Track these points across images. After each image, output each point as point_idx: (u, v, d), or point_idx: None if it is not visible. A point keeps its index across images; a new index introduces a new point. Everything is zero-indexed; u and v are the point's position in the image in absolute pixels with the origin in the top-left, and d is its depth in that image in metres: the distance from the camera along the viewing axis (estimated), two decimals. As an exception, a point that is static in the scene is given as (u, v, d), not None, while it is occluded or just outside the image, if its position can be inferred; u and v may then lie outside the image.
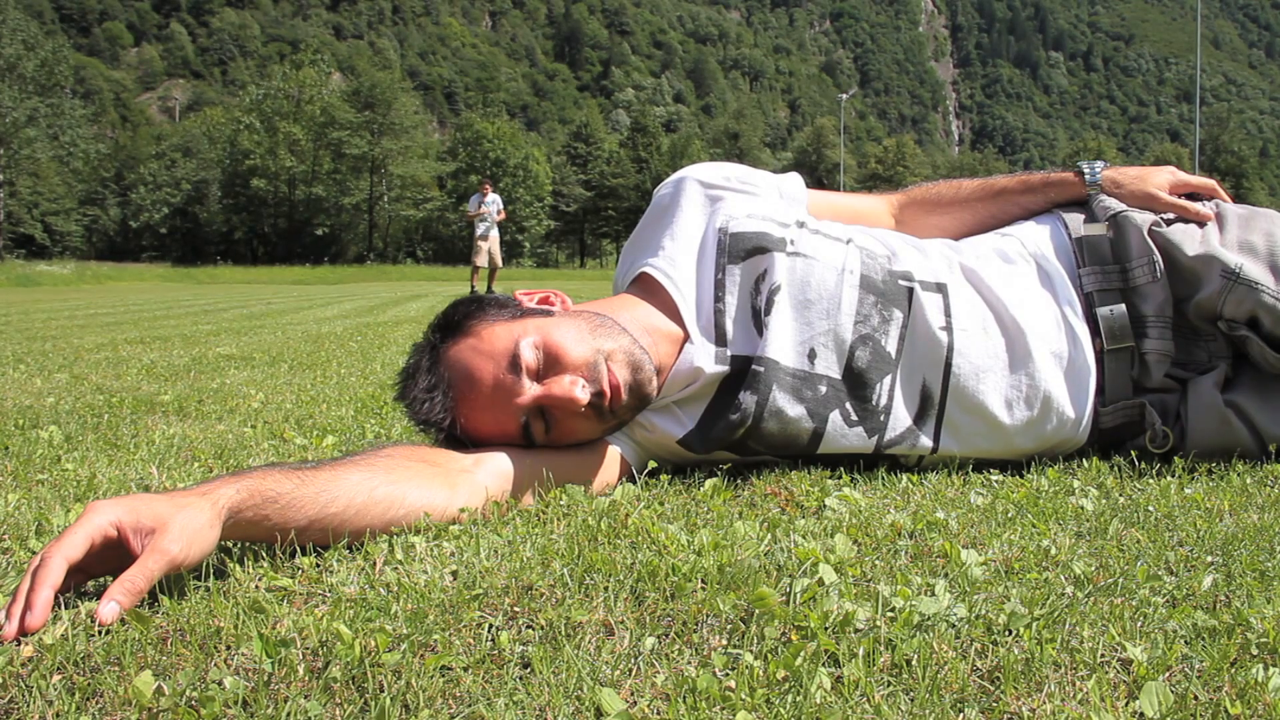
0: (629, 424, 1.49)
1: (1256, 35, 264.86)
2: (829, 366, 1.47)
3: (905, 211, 1.83)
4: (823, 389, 1.47)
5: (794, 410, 1.45)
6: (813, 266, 1.50)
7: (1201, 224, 1.64)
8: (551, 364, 1.36)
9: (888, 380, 1.50)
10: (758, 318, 1.48)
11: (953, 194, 1.81)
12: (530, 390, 1.35)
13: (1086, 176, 1.72)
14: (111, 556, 0.94)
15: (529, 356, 1.35)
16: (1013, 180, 1.80)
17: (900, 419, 1.51)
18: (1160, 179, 1.69)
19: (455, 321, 1.43)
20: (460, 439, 1.39)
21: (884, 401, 1.50)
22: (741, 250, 1.52)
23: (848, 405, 1.48)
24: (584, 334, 1.40)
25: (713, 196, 1.60)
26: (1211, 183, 1.71)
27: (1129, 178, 1.71)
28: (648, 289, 1.56)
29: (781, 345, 1.45)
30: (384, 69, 73.23)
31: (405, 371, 1.43)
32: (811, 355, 1.47)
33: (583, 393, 1.34)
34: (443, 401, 1.36)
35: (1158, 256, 1.58)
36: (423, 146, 59.10)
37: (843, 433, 1.48)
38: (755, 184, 1.64)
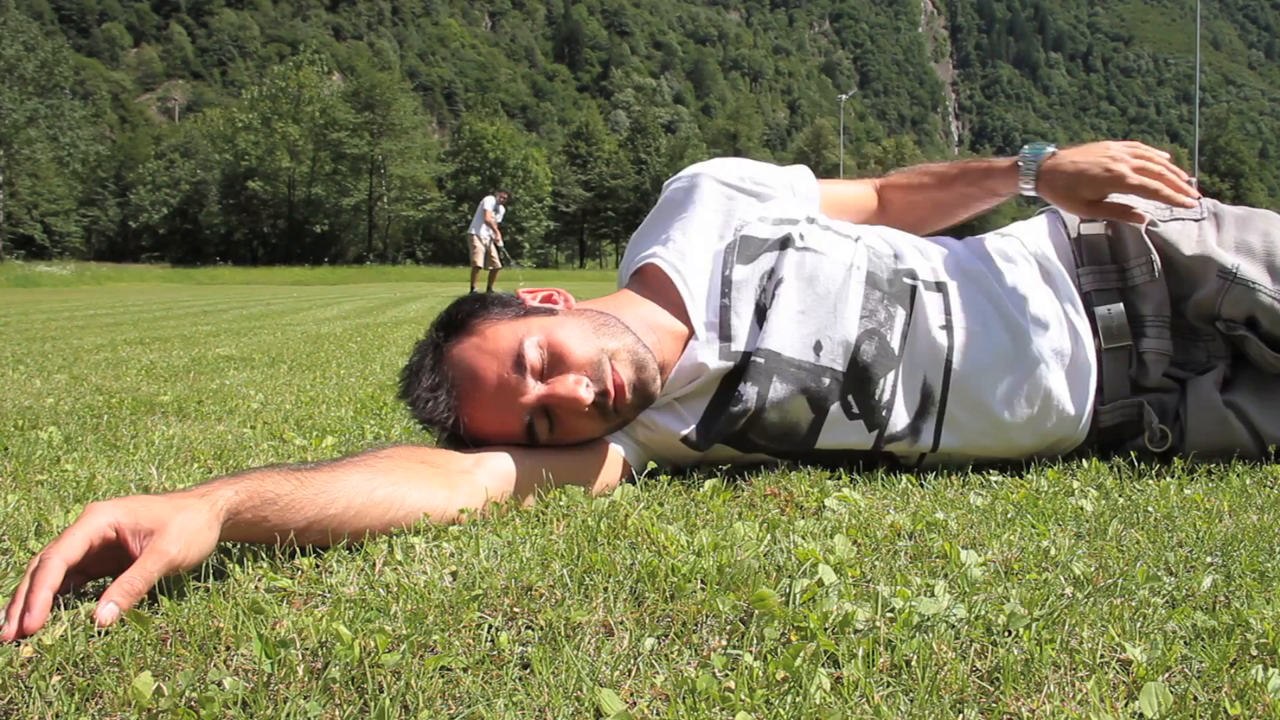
0: (631, 423, 1.49)
1: (1256, 36, 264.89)
2: (834, 359, 1.48)
3: (886, 191, 1.85)
4: (826, 381, 1.47)
5: (795, 401, 1.45)
6: (821, 261, 1.51)
7: (1141, 222, 1.60)
8: (556, 363, 1.36)
9: (890, 376, 1.50)
10: (761, 314, 1.48)
11: (920, 178, 1.82)
12: (535, 390, 1.35)
13: (1021, 166, 1.63)
14: (110, 558, 0.94)
15: (533, 356, 1.35)
16: (954, 167, 1.77)
17: (901, 415, 1.51)
18: (1103, 176, 1.55)
19: (459, 320, 1.43)
20: (462, 438, 1.39)
21: (886, 397, 1.50)
22: (751, 251, 1.53)
23: (850, 398, 1.49)
24: (588, 333, 1.40)
25: (729, 195, 1.60)
26: (1166, 160, 1.58)
27: (1066, 175, 1.58)
28: (653, 283, 1.56)
29: (785, 337, 1.46)
30: (383, 70, 73.17)
31: (408, 370, 1.42)
32: (818, 348, 1.47)
33: (587, 392, 1.34)
34: (446, 400, 1.37)
35: (1155, 256, 1.58)
36: (422, 147, 59.11)
37: (843, 425, 1.49)
38: (769, 184, 1.64)
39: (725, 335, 1.49)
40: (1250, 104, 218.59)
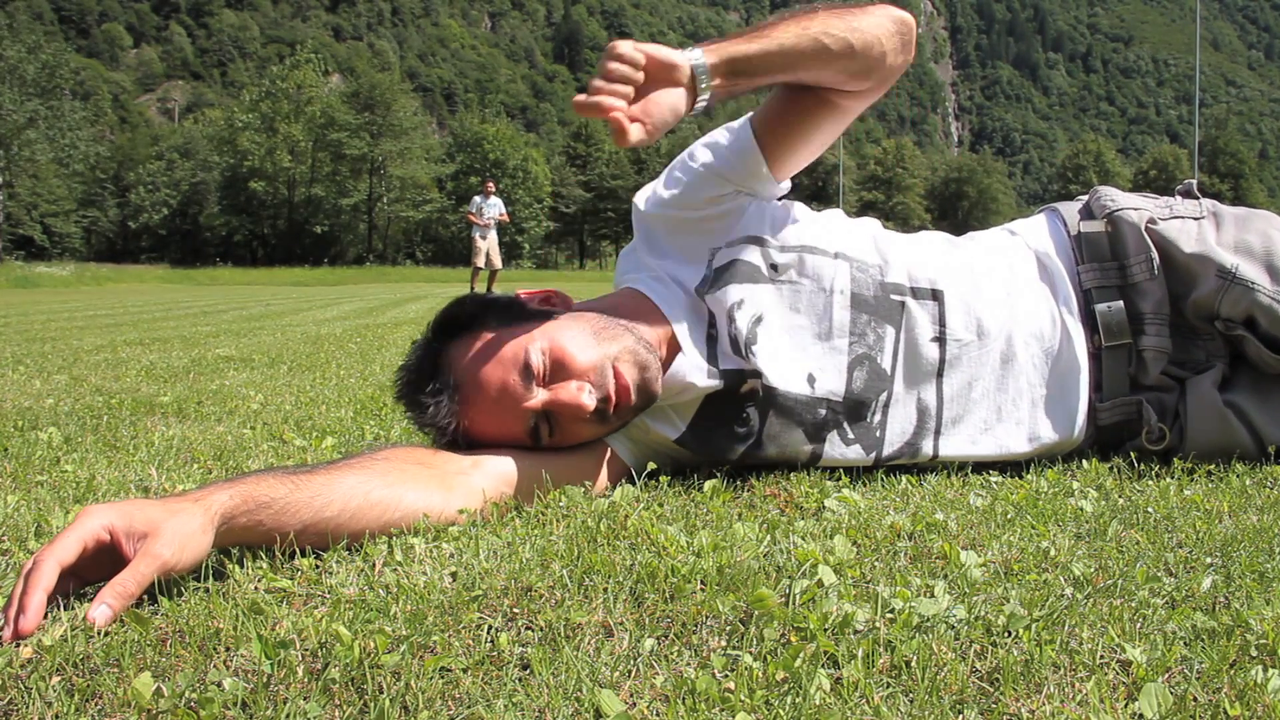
0: (627, 424, 1.49)
1: (1256, 37, 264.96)
2: (829, 390, 1.46)
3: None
4: (822, 412, 1.46)
5: (792, 434, 1.45)
6: (800, 292, 1.48)
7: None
8: (558, 369, 1.35)
9: (884, 396, 1.49)
10: (736, 345, 1.45)
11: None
12: (538, 395, 1.34)
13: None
14: (105, 561, 0.94)
15: (536, 361, 1.34)
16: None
17: (897, 434, 1.50)
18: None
19: (460, 323, 1.41)
20: (459, 441, 1.38)
21: (879, 418, 1.49)
22: (722, 281, 1.47)
23: (845, 425, 1.48)
24: (589, 338, 1.39)
25: (669, 229, 1.54)
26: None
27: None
28: (641, 301, 1.55)
29: (779, 370, 1.44)
30: (383, 70, 73.02)
31: (407, 372, 1.41)
32: (811, 379, 1.46)
33: (589, 399, 1.33)
34: (449, 405, 1.35)
35: (1154, 254, 1.58)
36: (422, 148, 59.06)
37: (841, 451, 1.48)
38: (691, 197, 1.51)
39: (710, 357, 1.46)
40: (1250, 104, 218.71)
